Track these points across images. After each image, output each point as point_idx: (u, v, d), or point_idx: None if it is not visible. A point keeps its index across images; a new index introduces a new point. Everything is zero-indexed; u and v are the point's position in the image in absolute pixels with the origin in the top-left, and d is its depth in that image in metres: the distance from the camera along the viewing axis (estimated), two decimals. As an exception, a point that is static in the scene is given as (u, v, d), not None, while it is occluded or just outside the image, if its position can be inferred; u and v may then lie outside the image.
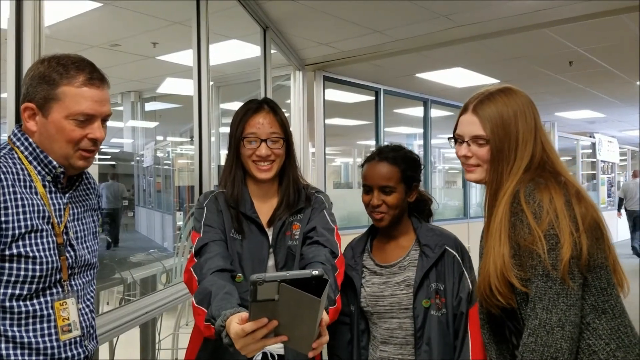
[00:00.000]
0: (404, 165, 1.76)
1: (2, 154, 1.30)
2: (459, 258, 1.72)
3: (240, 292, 1.46)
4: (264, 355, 1.62)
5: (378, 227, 1.80)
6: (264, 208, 1.70)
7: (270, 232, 1.67)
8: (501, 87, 1.45)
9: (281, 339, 1.13)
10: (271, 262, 1.66)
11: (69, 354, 1.33)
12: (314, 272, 1.04)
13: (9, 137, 1.36)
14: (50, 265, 1.28)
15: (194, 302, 1.43)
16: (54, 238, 1.31)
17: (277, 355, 1.64)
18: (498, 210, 1.35)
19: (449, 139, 1.53)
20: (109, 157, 9.61)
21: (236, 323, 1.16)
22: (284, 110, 1.75)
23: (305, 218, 1.69)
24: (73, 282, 1.36)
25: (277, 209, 1.69)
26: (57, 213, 1.34)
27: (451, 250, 1.73)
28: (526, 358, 1.24)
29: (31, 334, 1.26)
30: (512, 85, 1.48)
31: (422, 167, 1.86)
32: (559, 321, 1.22)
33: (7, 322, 1.24)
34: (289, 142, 1.71)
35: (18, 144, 1.33)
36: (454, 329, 1.69)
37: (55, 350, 1.30)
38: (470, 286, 1.69)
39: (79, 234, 1.41)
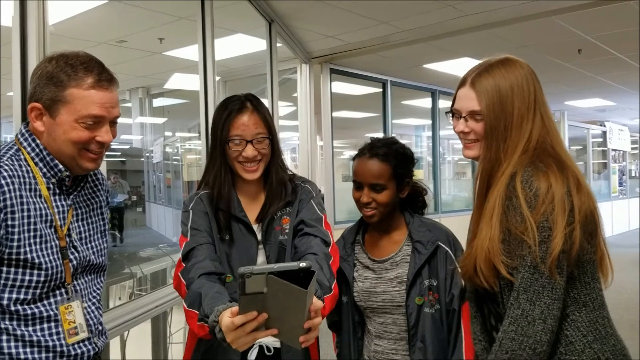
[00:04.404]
0: (396, 162, 1.70)
1: (9, 155, 1.28)
2: (451, 253, 1.68)
3: (230, 292, 1.43)
4: (260, 348, 1.61)
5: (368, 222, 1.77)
6: (252, 205, 1.68)
7: (258, 229, 1.66)
8: (501, 58, 1.37)
9: (271, 332, 1.12)
10: (261, 259, 1.64)
11: (78, 351, 1.33)
12: (301, 264, 1.04)
13: (17, 136, 1.34)
14: (54, 270, 1.27)
15: (185, 306, 1.40)
16: (57, 242, 1.29)
17: (274, 348, 1.62)
18: (493, 191, 1.29)
19: (447, 113, 1.45)
20: (118, 153, 9.71)
21: (227, 317, 1.15)
22: (290, 103, 1.74)
23: (293, 211, 1.67)
24: (76, 282, 1.35)
25: (264, 206, 1.67)
26: (60, 216, 1.32)
27: (444, 246, 1.69)
28: (505, 345, 1.24)
29: (39, 334, 1.26)
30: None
31: (416, 161, 1.79)
32: (541, 314, 1.21)
33: (15, 322, 1.24)
34: (273, 140, 1.67)
35: (25, 144, 1.30)
36: (448, 323, 1.66)
37: (65, 348, 1.30)
38: (463, 282, 1.63)
39: (83, 235, 1.39)
